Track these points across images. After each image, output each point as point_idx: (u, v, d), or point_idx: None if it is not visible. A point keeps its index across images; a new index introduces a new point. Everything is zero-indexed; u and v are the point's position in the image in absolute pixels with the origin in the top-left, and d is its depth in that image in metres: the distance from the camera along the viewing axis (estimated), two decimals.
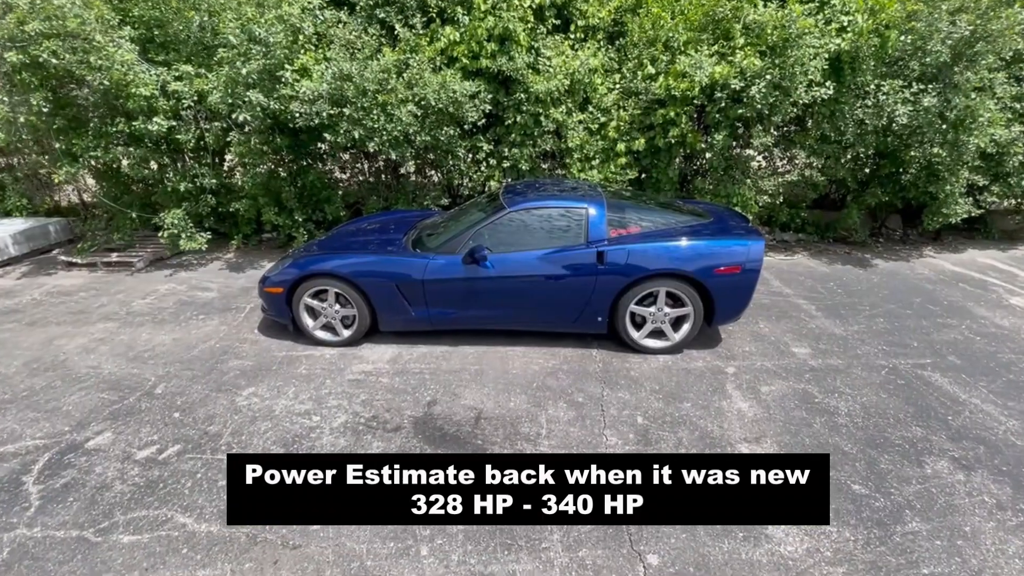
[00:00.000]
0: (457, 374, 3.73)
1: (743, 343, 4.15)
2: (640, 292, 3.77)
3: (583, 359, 3.91)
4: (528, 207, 3.92)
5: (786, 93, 5.30)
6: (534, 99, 5.86)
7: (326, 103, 5.37)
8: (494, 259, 3.82)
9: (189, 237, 5.96)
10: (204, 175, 6.05)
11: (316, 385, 3.61)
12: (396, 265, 3.93)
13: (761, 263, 3.72)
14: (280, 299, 4.08)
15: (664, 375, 3.68)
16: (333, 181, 6.67)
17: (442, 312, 3.98)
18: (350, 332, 4.11)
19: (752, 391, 3.47)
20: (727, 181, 6.10)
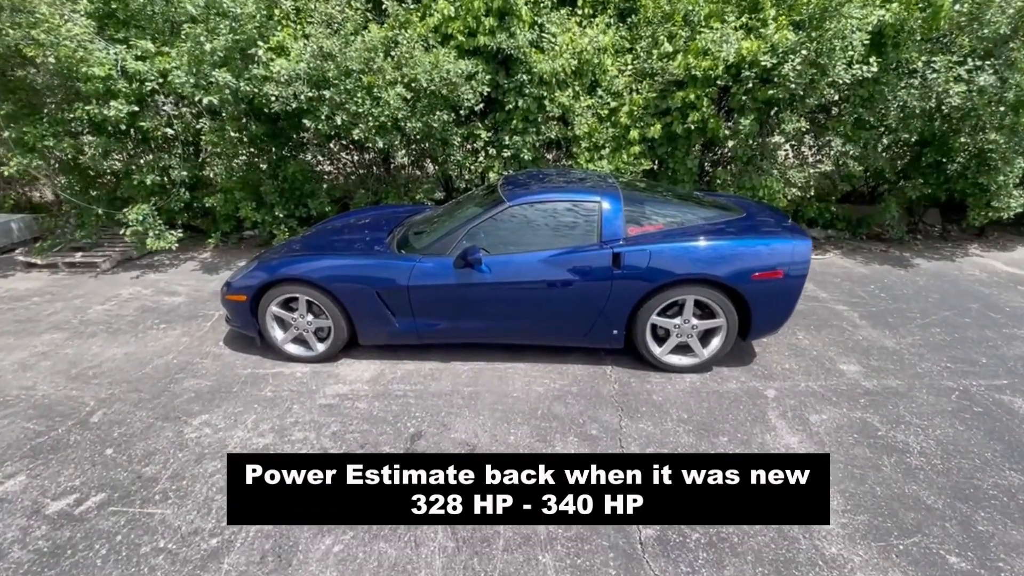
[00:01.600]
0: (447, 398, 3.17)
1: (781, 359, 3.57)
2: (663, 301, 3.19)
3: (595, 379, 3.34)
4: (531, 201, 3.34)
5: (823, 71, 4.68)
6: (537, 80, 5.27)
7: (304, 85, 4.80)
8: (491, 262, 3.25)
9: (157, 235, 5.41)
10: (175, 167, 5.50)
11: (281, 412, 3.06)
12: (376, 269, 3.36)
13: (808, 267, 3.13)
14: (244, 308, 3.52)
15: (692, 400, 3.11)
16: (318, 173, 6.10)
17: (431, 324, 3.42)
18: (325, 346, 3.55)
19: (800, 421, 2.90)
20: (752, 172, 5.49)
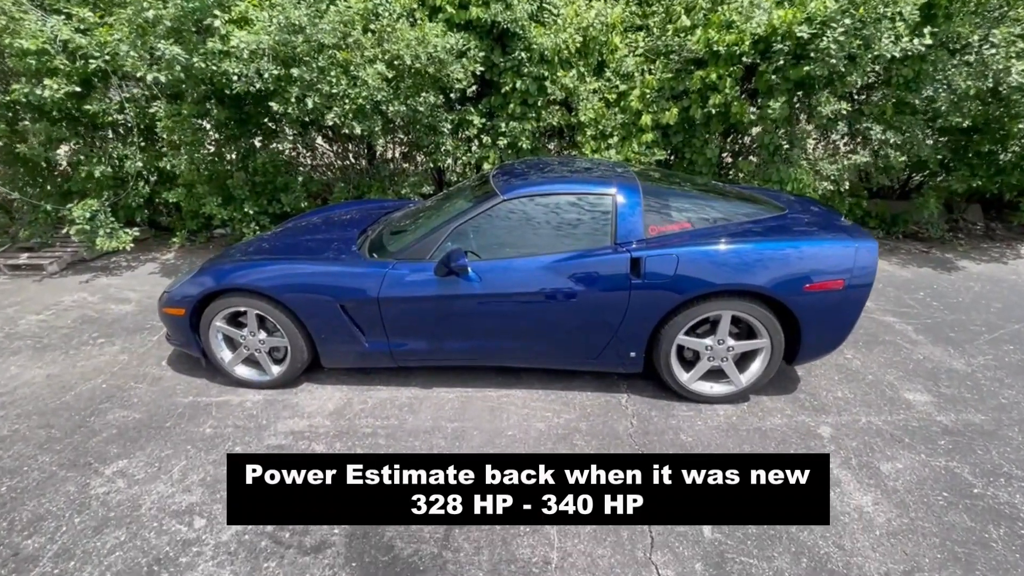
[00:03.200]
0: (426, 438, 2.56)
1: (831, 384, 2.97)
2: (694, 317, 2.58)
3: (608, 412, 2.74)
4: (529, 194, 2.73)
5: (867, 44, 4.06)
6: (538, 58, 4.64)
7: (270, 62, 4.17)
8: (481, 268, 2.64)
9: (109, 234, 4.80)
10: (129, 158, 4.88)
11: (220, 456, 2.45)
12: (339, 277, 2.75)
13: (874, 276, 2.52)
14: (183, 323, 2.91)
15: (730, 441, 2.50)
16: (292, 165, 5.48)
17: (407, 343, 2.81)
18: (281, 369, 2.94)
19: (870, 473, 2.29)
20: (778, 163, 4.87)
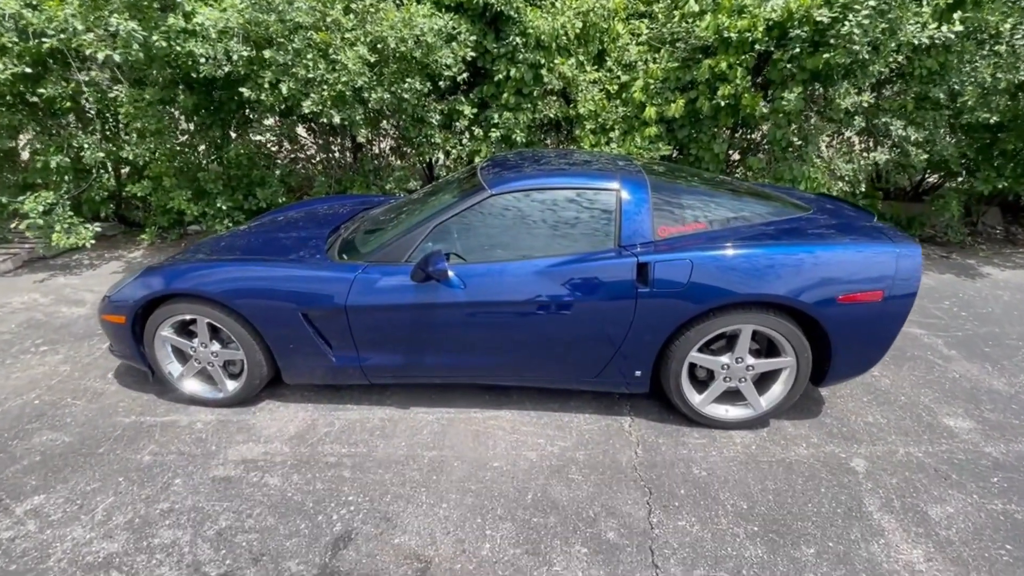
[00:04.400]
0: (399, 469, 2.20)
1: (859, 407, 2.63)
2: (709, 332, 2.24)
3: (610, 438, 2.39)
4: (521, 188, 2.38)
5: (892, 31, 3.73)
6: (534, 44, 4.29)
7: (240, 43, 3.81)
8: (465, 273, 2.29)
9: (67, 229, 4.41)
10: (89, 146, 4.49)
11: (155, 491, 2.09)
12: (301, 281, 2.38)
13: (917, 286, 2.18)
14: (123, 332, 2.54)
15: (751, 475, 2.16)
16: (269, 158, 5.11)
17: (380, 358, 2.45)
18: (237, 385, 2.58)
19: (917, 519, 1.95)
20: (791, 160, 4.54)
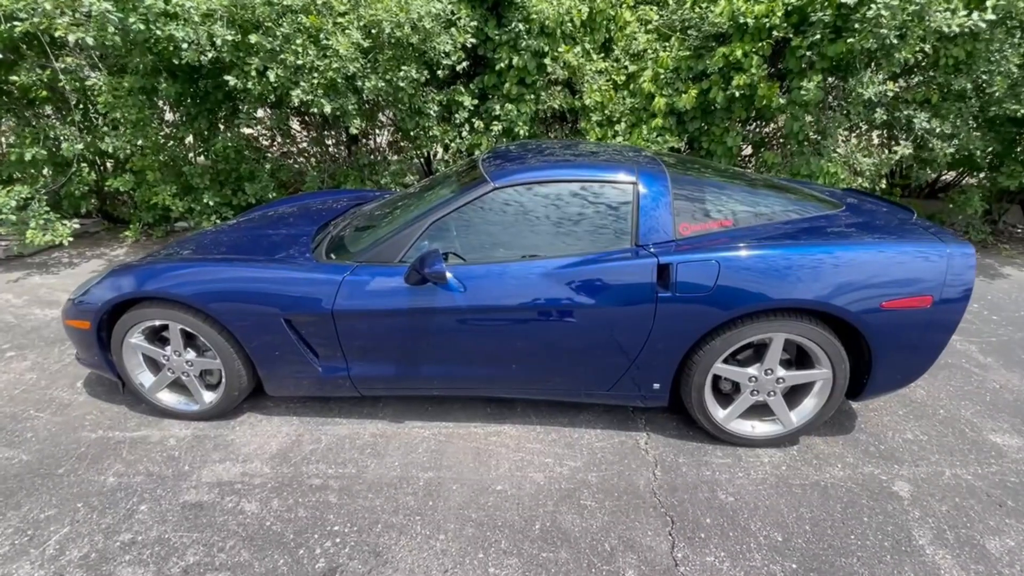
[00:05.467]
0: (391, 493, 1.98)
1: (896, 422, 2.41)
2: (736, 341, 2.01)
3: (625, 458, 2.16)
4: (527, 181, 2.15)
5: (920, 16, 3.50)
6: (537, 30, 4.05)
7: (224, 26, 3.56)
8: (465, 275, 2.06)
9: (43, 226, 4.17)
10: (68, 138, 4.25)
11: (117, 519, 1.86)
12: (282, 283, 2.15)
13: (970, 292, 1.96)
14: (89, 339, 2.31)
15: (783, 502, 1.94)
16: (259, 151, 4.87)
17: (371, 369, 2.22)
18: (215, 397, 2.35)
19: (975, 554, 1.73)
20: (809, 154, 4.31)
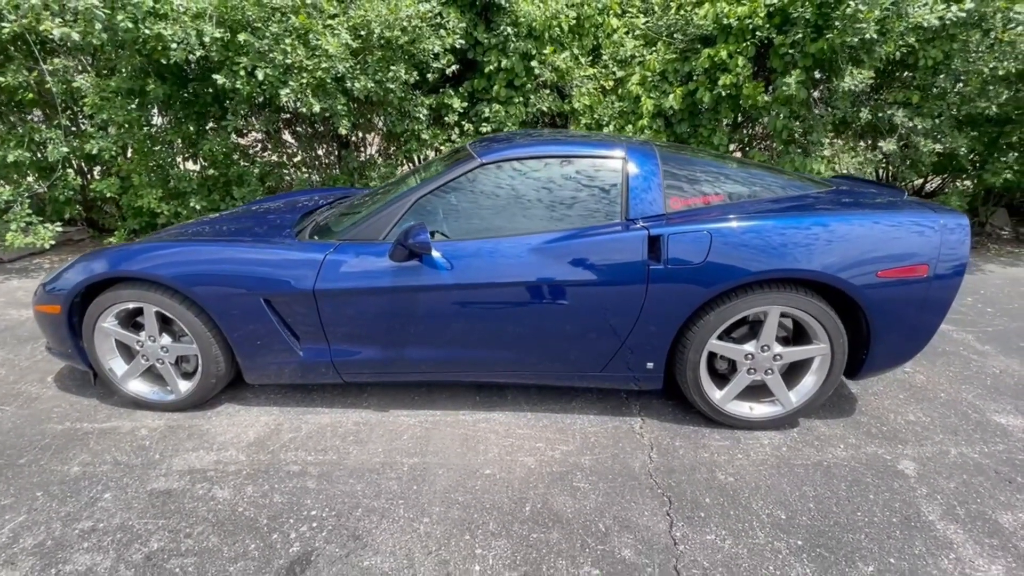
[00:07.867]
0: (373, 479, 1.87)
1: (896, 404, 2.34)
2: (730, 315, 1.96)
3: (619, 441, 2.08)
4: (515, 156, 2.12)
5: (899, 13, 3.57)
6: (526, 33, 4.11)
7: (213, 25, 3.57)
8: (451, 251, 2.00)
9: (24, 229, 4.09)
10: (53, 140, 4.20)
11: (79, 506, 1.74)
12: (264, 264, 2.08)
13: (966, 262, 1.92)
14: (59, 324, 2.21)
15: (785, 482, 1.85)
16: (247, 154, 4.84)
17: (355, 352, 2.14)
18: (191, 386, 2.25)
19: (988, 528, 1.65)
20: (794, 153, 4.34)
